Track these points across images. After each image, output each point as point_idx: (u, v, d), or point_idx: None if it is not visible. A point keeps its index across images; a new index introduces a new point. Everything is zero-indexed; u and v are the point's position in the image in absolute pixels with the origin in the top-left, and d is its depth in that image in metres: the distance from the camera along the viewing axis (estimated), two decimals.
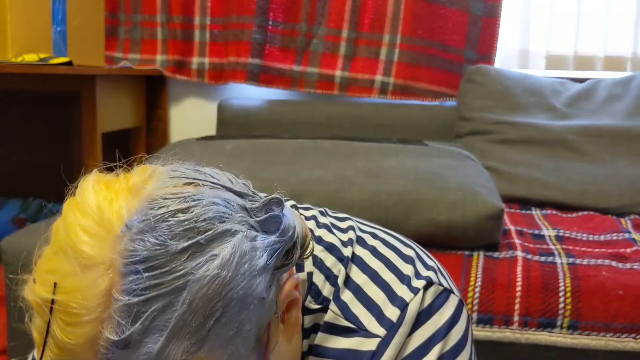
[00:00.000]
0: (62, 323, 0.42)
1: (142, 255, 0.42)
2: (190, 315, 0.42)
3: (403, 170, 1.40)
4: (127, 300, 0.41)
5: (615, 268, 1.23)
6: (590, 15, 2.18)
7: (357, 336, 0.57)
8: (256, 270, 0.45)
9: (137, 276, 0.42)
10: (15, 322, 1.35)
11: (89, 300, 0.41)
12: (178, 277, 0.42)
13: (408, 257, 0.61)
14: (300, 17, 2.19)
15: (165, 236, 0.43)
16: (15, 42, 1.93)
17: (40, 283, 0.44)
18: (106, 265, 0.42)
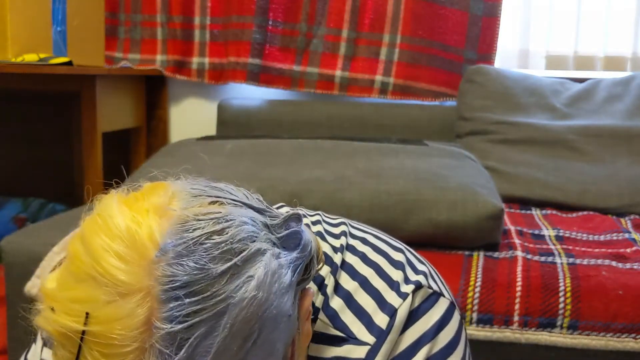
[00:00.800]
0: (99, 355, 0.39)
1: (182, 280, 0.40)
2: (230, 339, 0.40)
3: (403, 170, 1.40)
4: (169, 328, 0.39)
5: (615, 268, 1.23)
6: (590, 15, 2.18)
7: (347, 344, 0.56)
8: (284, 288, 0.45)
9: (178, 302, 0.40)
10: (15, 322, 1.35)
11: (128, 330, 0.39)
12: (219, 302, 0.40)
13: (398, 263, 0.61)
14: (300, 17, 2.19)
15: (204, 260, 0.41)
16: (15, 42, 1.93)
17: (65, 313, 0.40)
18: (144, 292, 0.40)
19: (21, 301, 1.31)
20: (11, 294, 1.33)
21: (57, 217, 1.53)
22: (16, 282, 1.31)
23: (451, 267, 1.24)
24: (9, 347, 1.36)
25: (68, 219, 1.48)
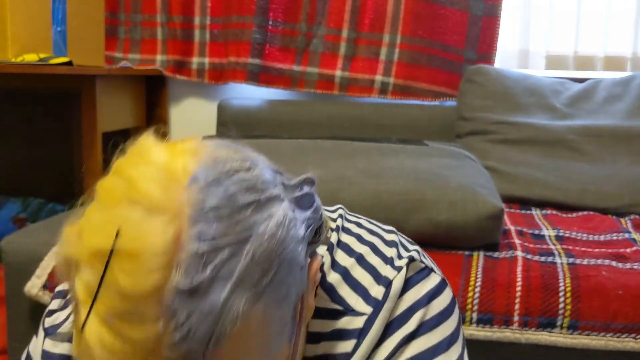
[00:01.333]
0: (127, 269, 0.40)
1: (211, 204, 0.43)
2: (251, 268, 0.42)
3: (403, 170, 1.40)
4: (197, 247, 0.41)
5: (615, 268, 1.23)
6: (590, 15, 2.18)
7: (345, 317, 0.59)
8: (298, 238, 0.47)
9: (207, 224, 0.42)
10: (15, 322, 1.35)
11: (157, 247, 0.40)
12: (243, 230, 0.43)
13: (391, 242, 0.64)
14: (300, 17, 2.19)
15: (232, 190, 0.44)
16: (15, 42, 1.93)
17: (95, 233, 0.42)
18: (175, 212, 0.42)
19: (21, 301, 1.31)
20: (11, 294, 1.33)
21: (57, 217, 1.53)
22: (16, 282, 1.31)
23: (451, 267, 1.24)
24: (9, 347, 1.36)
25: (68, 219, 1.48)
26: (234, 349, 0.42)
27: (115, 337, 0.40)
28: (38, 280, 1.28)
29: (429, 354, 0.59)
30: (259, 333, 0.44)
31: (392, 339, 0.59)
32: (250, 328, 0.43)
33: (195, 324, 0.40)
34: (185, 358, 0.40)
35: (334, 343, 0.58)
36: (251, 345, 0.43)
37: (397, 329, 0.59)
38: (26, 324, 1.34)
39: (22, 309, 1.33)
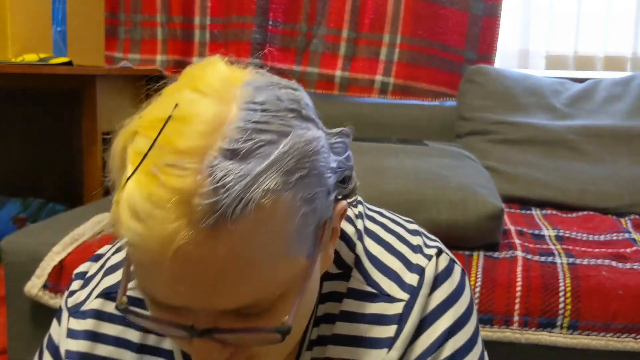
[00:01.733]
0: (179, 130, 0.46)
1: (260, 100, 0.49)
2: (287, 157, 0.48)
3: (403, 170, 1.40)
4: (242, 124, 0.47)
5: (615, 268, 1.23)
6: (590, 15, 2.18)
7: (381, 301, 0.61)
8: (329, 165, 0.53)
9: (254, 112, 0.48)
10: (15, 322, 1.35)
11: (208, 115, 0.47)
12: (284, 126, 0.49)
13: (414, 231, 0.67)
14: (300, 17, 2.19)
15: (279, 94, 0.51)
16: (15, 42, 1.93)
17: (154, 109, 0.49)
18: (228, 98, 0.48)
19: (21, 301, 1.32)
20: (11, 294, 1.33)
21: (57, 217, 1.53)
22: (16, 282, 1.31)
23: None
24: (9, 347, 1.36)
25: (68, 219, 1.48)
26: (256, 224, 0.46)
27: (157, 186, 0.45)
28: (38, 280, 1.28)
29: (464, 352, 0.62)
30: (282, 222, 0.48)
31: (431, 333, 0.61)
32: (275, 212, 0.47)
33: (229, 182, 0.45)
34: (214, 212, 0.44)
35: (375, 327, 0.61)
36: (271, 230, 0.47)
37: (432, 323, 0.61)
38: (26, 324, 1.34)
39: (22, 309, 1.33)
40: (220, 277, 0.46)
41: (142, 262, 0.47)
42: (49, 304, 1.28)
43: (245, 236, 0.46)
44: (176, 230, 0.45)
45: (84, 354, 0.65)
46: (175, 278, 0.46)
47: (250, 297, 0.48)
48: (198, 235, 0.45)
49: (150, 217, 0.45)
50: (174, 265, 0.46)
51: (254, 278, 0.48)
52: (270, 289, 0.49)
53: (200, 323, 0.49)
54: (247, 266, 0.47)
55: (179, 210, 0.45)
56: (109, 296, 0.66)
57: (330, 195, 0.54)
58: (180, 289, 0.47)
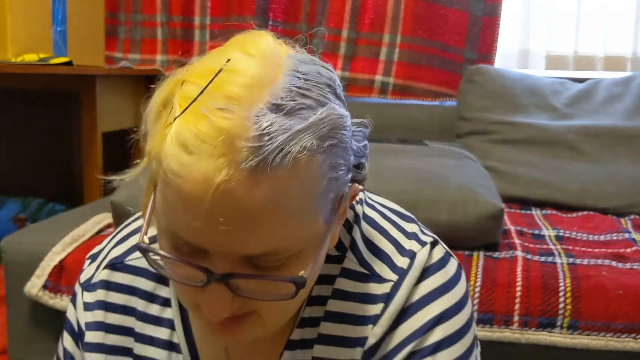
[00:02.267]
0: (230, 80, 0.50)
1: (303, 70, 0.54)
2: (322, 124, 0.52)
3: (403, 170, 1.41)
4: (288, 86, 0.51)
5: (615, 268, 1.23)
6: (590, 15, 2.18)
7: (372, 281, 0.63)
8: (352, 145, 0.58)
9: (297, 79, 0.53)
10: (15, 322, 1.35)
11: (257, 72, 0.51)
12: (322, 97, 0.54)
13: (411, 219, 0.70)
14: (300, 17, 2.19)
15: (319, 70, 0.55)
16: (15, 42, 1.93)
17: (206, 61, 0.53)
18: (276, 64, 0.53)
19: (21, 301, 1.32)
20: (11, 294, 1.33)
21: (57, 217, 1.53)
22: (16, 282, 1.31)
23: None
24: (8, 347, 1.36)
25: (68, 219, 1.48)
26: (292, 175, 0.50)
27: (206, 124, 0.49)
28: (38, 280, 1.28)
29: (452, 340, 0.62)
30: (312, 180, 0.52)
31: (419, 318, 0.62)
32: (309, 169, 0.51)
33: (273, 132, 0.49)
34: (257, 156, 0.48)
35: (364, 305, 0.63)
36: (304, 184, 0.51)
37: (422, 308, 0.63)
38: (26, 324, 1.34)
39: (22, 309, 1.33)
40: (253, 220, 0.49)
41: (182, 196, 0.49)
42: (49, 304, 1.28)
43: (282, 184, 0.49)
44: (220, 167, 0.48)
45: (99, 323, 0.68)
46: (212, 215, 0.49)
47: (274, 245, 0.51)
48: (240, 175, 0.48)
49: (197, 150, 0.49)
50: (213, 201, 0.49)
51: (282, 226, 0.51)
52: (292, 241, 0.52)
53: (219, 269, 0.52)
54: (279, 213, 0.50)
55: (224, 149, 0.48)
56: (115, 266, 0.69)
57: (349, 173, 0.57)
58: (214, 228, 0.49)
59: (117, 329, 0.68)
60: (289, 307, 0.58)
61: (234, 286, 0.53)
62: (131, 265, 0.69)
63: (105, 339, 0.68)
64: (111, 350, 0.68)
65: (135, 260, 0.69)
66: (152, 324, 0.68)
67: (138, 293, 0.68)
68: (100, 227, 1.42)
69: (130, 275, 0.69)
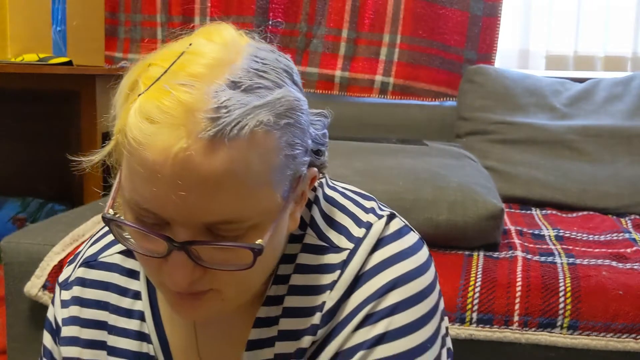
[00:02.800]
0: (192, 60, 0.54)
1: (262, 56, 0.58)
2: (279, 103, 0.56)
3: (402, 170, 1.40)
4: (246, 67, 0.55)
5: (616, 268, 1.23)
6: (590, 15, 2.18)
7: (330, 252, 0.66)
8: (310, 130, 0.62)
9: (256, 62, 0.56)
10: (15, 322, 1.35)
11: (218, 53, 0.55)
12: (279, 80, 0.57)
13: (370, 198, 0.73)
14: (300, 17, 2.19)
15: (278, 57, 0.60)
16: (15, 42, 1.93)
17: (169, 47, 0.57)
18: (236, 50, 0.57)
19: (21, 301, 1.31)
20: (11, 294, 1.33)
21: (57, 217, 1.53)
22: (16, 282, 1.31)
23: (451, 267, 1.24)
24: (8, 347, 1.36)
25: (68, 219, 1.48)
26: (249, 147, 0.53)
27: (168, 97, 0.52)
28: (38, 280, 1.28)
29: (408, 304, 0.64)
30: (269, 153, 0.55)
31: (374, 283, 0.64)
32: (265, 142, 0.54)
33: (231, 106, 0.53)
34: (214, 127, 0.52)
35: (323, 275, 0.65)
36: (261, 156, 0.54)
37: (378, 274, 0.64)
38: (26, 324, 1.34)
39: (22, 309, 1.33)
40: (211, 187, 0.52)
41: (144, 163, 0.53)
42: (49, 304, 1.28)
43: (239, 154, 0.53)
44: (179, 136, 0.52)
45: (74, 317, 0.72)
46: (171, 181, 0.52)
47: (232, 214, 0.54)
48: (198, 144, 0.52)
49: (159, 120, 0.52)
50: (172, 168, 0.52)
51: (240, 195, 0.54)
52: (250, 211, 0.55)
53: (179, 237, 0.55)
54: (236, 182, 0.53)
55: (184, 119, 0.52)
56: (89, 264, 0.73)
57: (307, 155, 0.61)
58: (174, 194, 0.53)
59: (92, 323, 0.71)
60: (248, 282, 0.60)
61: (194, 255, 0.55)
62: (104, 262, 0.73)
63: (80, 333, 0.72)
64: (86, 344, 0.71)
65: (108, 257, 0.73)
66: (124, 317, 0.71)
67: (111, 288, 0.71)
68: (100, 227, 1.42)
69: (104, 272, 0.72)
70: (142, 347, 0.70)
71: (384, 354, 0.62)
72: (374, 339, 0.62)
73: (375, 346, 0.62)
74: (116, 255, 0.73)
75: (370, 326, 0.63)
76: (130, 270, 0.72)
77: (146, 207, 0.54)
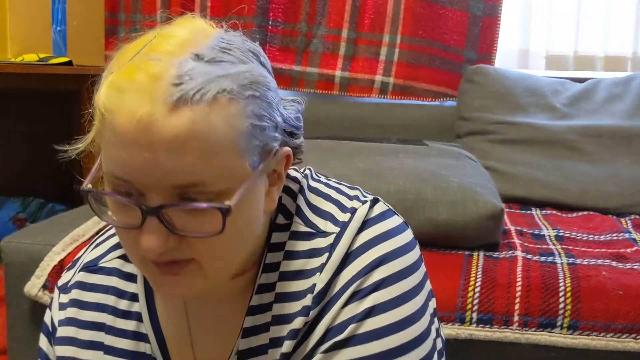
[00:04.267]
0: (160, 42, 0.59)
1: (227, 38, 0.62)
2: (243, 76, 0.60)
3: (403, 170, 1.40)
4: (212, 45, 0.60)
5: (616, 268, 1.23)
6: (590, 15, 2.18)
7: (317, 237, 0.69)
8: (279, 109, 0.65)
9: (221, 42, 0.61)
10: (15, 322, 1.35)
11: (185, 34, 0.60)
12: (245, 57, 0.62)
13: (354, 188, 0.76)
14: (300, 17, 2.19)
15: (244, 40, 0.64)
16: (15, 42, 1.93)
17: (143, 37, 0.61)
18: (205, 34, 0.62)
19: (21, 301, 1.31)
20: (11, 294, 1.33)
21: (57, 217, 1.53)
22: (16, 282, 1.31)
23: (451, 267, 1.24)
24: (8, 347, 1.36)
25: (68, 219, 1.48)
26: (212, 111, 0.57)
27: (137, 70, 0.56)
28: (38, 280, 1.28)
29: (394, 279, 0.67)
30: (233, 119, 0.58)
31: (361, 261, 0.67)
32: (229, 109, 0.58)
33: (193, 74, 0.56)
34: (177, 93, 0.55)
35: (312, 259, 0.68)
36: (224, 121, 0.57)
37: (364, 252, 0.67)
38: (26, 324, 1.34)
39: (22, 309, 1.33)
40: (177, 150, 0.56)
41: (114, 130, 0.56)
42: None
43: (202, 117, 0.56)
44: (145, 101, 0.55)
45: (71, 319, 0.74)
46: (138, 145, 0.56)
47: (200, 176, 0.57)
48: (162, 109, 0.55)
49: (127, 89, 0.56)
50: (138, 132, 0.55)
51: (206, 157, 0.57)
52: (217, 175, 0.58)
53: (152, 203, 0.58)
54: (201, 144, 0.56)
55: (150, 87, 0.55)
56: (89, 269, 0.76)
57: (277, 131, 0.64)
58: (140, 157, 0.56)
59: (90, 325, 0.73)
60: (226, 255, 0.62)
61: (166, 221, 0.58)
62: (104, 267, 0.75)
63: (77, 334, 0.73)
64: (84, 345, 0.73)
65: (108, 262, 0.75)
66: (122, 318, 0.73)
67: (110, 291, 0.74)
68: (100, 227, 1.42)
69: (104, 276, 0.75)
70: (139, 347, 0.72)
71: (374, 326, 0.65)
72: (362, 312, 0.65)
73: (364, 319, 0.65)
74: (115, 260, 0.75)
75: (358, 301, 0.65)
76: (129, 273, 0.74)
77: (119, 174, 0.57)
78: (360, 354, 0.64)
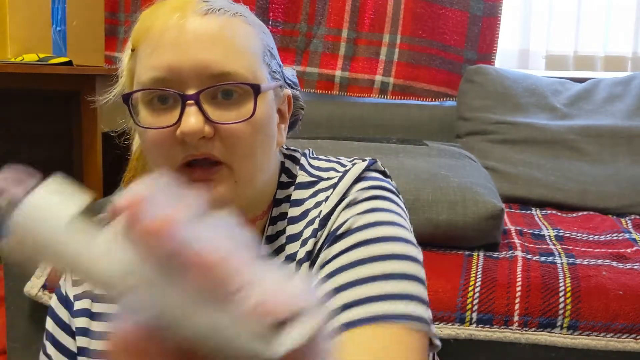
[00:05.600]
0: None
1: None
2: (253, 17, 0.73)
3: (403, 170, 1.40)
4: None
5: (616, 268, 1.23)
6: (590, 15, 2.18)
7: (320, 182, 0.76)
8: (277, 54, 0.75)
9: None
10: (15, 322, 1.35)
11: None
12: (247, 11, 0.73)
13: (352, 158, 0.81)
14: (300, 17, 2.19)
15: None
16: (15, 42, 1.93)
17: None
18: None
19: (21, 301, 1.31)
20: (11, 294, 1.33)
21: None
22: (16, 282, 1.31)
23: (451, 267, 1.24)
24: (8, 347, 1.36)
25: None
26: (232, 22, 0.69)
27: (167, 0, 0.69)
28: (38, 281, 1.28)
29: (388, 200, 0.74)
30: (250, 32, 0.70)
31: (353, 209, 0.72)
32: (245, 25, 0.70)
33: (216, 2, 0.69)
34: (204, 7, 0.68)
35: (316, 198, 0.74)
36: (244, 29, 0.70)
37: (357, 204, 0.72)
38: (26, 324, 1.34)
39: (22, 309, 1.33)
40: (209, 44, 0.66)
41: (152, 40, 0.67)
42: (49, 304, 1.28)
43: (227, 24, 0.68)
44: (179, 12, 0.67)
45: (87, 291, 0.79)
46: (175, 42, 0.66)
47: (229, 66, 0.66)
48: (193, 16, 0.67)
49: (161, 9, 0.69)
50: (173, 32, 0.66)
51: (233, 52, 0.67)
52: (243, 69, 0.67)
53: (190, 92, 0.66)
54: (228, 42, 0.67)
55: (182, 5, 0.68)
56: None
57: (280, 68, 0.74)
58: (177, 54, 0.65)
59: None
60: (250, 154, 0.68)
61: (203, 110, 0.65)
62: None
63: (92, 306, 0.78)
64: (96, 316, 0.77)
65: None
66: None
67: None
68: None
69: None
70: None
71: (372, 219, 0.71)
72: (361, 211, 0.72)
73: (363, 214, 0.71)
74: None
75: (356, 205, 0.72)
76: None
77: (160, 75, 0.66)
78: (359, 239, 0.69)
